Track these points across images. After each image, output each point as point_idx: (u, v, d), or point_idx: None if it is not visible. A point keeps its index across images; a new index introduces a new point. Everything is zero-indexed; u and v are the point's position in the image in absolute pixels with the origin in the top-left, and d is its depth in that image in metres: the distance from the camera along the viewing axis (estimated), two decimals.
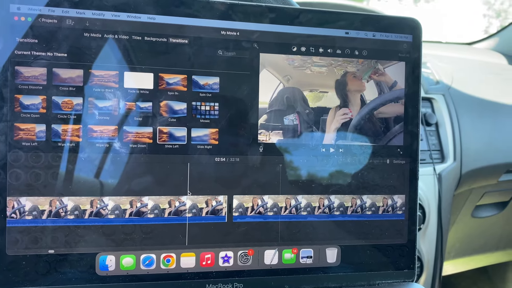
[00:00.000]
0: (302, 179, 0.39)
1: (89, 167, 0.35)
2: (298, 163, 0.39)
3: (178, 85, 0.37)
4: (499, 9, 11.38)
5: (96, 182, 0.36)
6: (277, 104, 0.39)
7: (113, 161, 0.36)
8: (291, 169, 0.39)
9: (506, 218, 1.01)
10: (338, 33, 0.40)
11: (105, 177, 0.36)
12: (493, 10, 11.30)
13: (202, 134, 0.37)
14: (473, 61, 1.18)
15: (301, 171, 0.39)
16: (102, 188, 0.36)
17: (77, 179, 0.35)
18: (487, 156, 0.84)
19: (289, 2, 0.48)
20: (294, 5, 0.47)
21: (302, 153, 0.39)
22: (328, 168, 0.40)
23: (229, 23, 0.38)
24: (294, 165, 0.39)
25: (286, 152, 0.39)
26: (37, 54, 0.34)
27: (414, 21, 0.41)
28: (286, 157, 0.39)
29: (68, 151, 0.35)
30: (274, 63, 0.39)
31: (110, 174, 0.36)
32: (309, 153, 0.40)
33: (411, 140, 0.42)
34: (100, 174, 0.36)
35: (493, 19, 11.48)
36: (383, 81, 0.41)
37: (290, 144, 0.39)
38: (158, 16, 0.36)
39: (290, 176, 0.39)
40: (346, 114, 0.40)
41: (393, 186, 0.41)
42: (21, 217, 0.34)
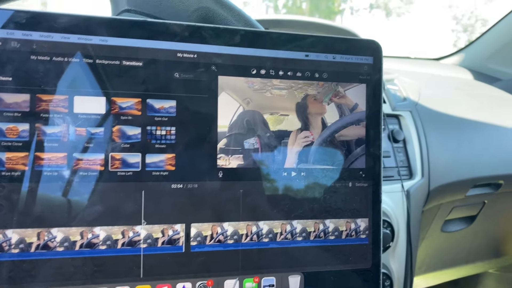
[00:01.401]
0: (264, 205, 0.38)
1: (35, 197, 0.33)
2: (259, 188, 0.38)
3: (132, 109, 0.35)
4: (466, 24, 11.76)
5: (43, 213, 0.33)
6: (237, 127, 0.38)
7: (62, 190, 0.34)
8: (252, 195, 0.38)
9: (474, 232, 1.02)
10: (298, 55, 0.39)
11: (53, 207, 0.34)
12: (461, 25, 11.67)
13: (158, 160, 0.36)
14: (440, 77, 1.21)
15: (262, 196, 0.38)
16: (50, 219, 0.34)
17: (23, 210, 0.33)
18: (455, 171, 0.85)
19: (251, 22, 0.47)
20: (257, 27, 0.47)
21: (263, 178, 0.38)
22: (290, 192, 0.39)
23: (186, 45, 0.37)
24: (255, 190, 0.38)
25: (247, 177, 0.38)
26: None
27: (375, 43, 0.41)
28: (246, 182, 0.38)
29: (13, 181, 0.33)
30: (234, 86, 0.38)
31: (59, 204, 0.34)
32: (271, 177, 0.39)
33: (374, 163, 0.41)
34: (47, 204, 0.34)
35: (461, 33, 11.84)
36: (344, 103, 0.41)
37: (250, 169, 0.38)
38: (110, 38, 0.35)
39: (251, 201, 0.38)
40: (307, 137, 0.40)
41: (356, 210, 0.41)
42: None
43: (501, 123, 0.96)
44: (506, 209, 1.03)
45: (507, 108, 1.05)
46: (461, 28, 11.70)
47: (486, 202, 0.97)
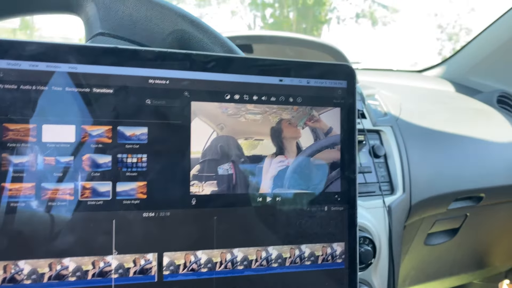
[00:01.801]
0: (238, 231, 0.38)
1: (2, 228, 0.32)
2: (234, 215, 0.38)
3: (102, 137, 0.35)
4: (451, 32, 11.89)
5: (10, 245, 0.33)
6: (211, 153, 0.38)
7: (30, 221, 0.33)
8: (226, 222, 0.38)
9: (457, 244, 1.03)
10: (272, 80, 0.39)
11: (20, 239, 0.33)
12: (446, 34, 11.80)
13: (129, 188, 0.35)
14: (422, 90, 1.22)
15: (236, 223, 0.38)
16: (17, 251, 0.33)
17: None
18: (436, 186, 0.86)
19: (227, 44, 0.47)
20: (234, 49, 0.47)
21: (237, 204, 0.38)
22: (265, 218, 0.39)
23: (158, 71, 0.36)
24: (230, 217, 0.38)
25: (221, 203, 0.38)
26: None
27: (348, 67, 0.41)
28: (220, 208, 0.37)
29: None
30: (207, 111, 0.38)
31: (26, 235, 0.33)
32: (245, 203, 0.38)
33: (349, 186, 0.41)
34: (14, 235, 0.33)
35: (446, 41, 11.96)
36: (318, 127, 0.41)
37: (225, 195, 0.38)
38: (80, 65, 0.35)
39: (225, 228, 0.37)
40: (282, 162, 0.40)
41: (332, 234, 0.40)
42: None
43: (481, 136, 0.98)
44: (488, 221, 1.04)
45: (487, 121, 1.06)
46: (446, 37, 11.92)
47: (468, 214, 0.97)
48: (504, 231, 1.11)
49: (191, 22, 0.47)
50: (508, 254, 1.17)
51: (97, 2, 0.44)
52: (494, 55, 1.33)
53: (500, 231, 1.10)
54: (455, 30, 11.81)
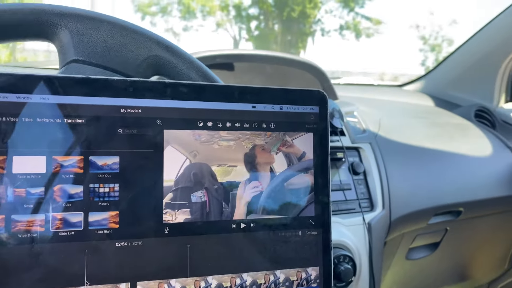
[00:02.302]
0: (212, 259, 0.38)
1: None
2: (208, 242, 0.38)
3: (74, 167, 0.35)
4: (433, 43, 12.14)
5: None
6: (184, 181, 0.38)
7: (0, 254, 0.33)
8: (199, 249, 0.38)
9: (439, 258, 1.04)
10: (245, 107, 0.40)
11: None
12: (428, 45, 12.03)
13: (101, 218, 0.35)
14: (402, 104, 1.24)
15: (210, 250, 0.38)
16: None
17: None
18: (415, 201, 0.87)
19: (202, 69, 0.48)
20: (209, 74, 0.47)
21: (211, 231, 0.38)
22: (239, 244, 0.39)
23: (130, 100, 0.37)
24: (203, 245, 0.38)
25: (195, 231, 0.38)
26: None
27: (320, 93, 0.42)
28: (194, 236, 0.37)
29: None
30: (180, 139, 0.38)
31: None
32: (219, 230, 0.38)
33: (322, 210, 0.42)
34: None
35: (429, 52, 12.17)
36: (291, 152, 0.41)
37: (198, 222, 0.38)
38: (51, 96, 0.35)
39: (199, 256, 0.37)
40: (256, 187, 0.40)
41: (307, 259, 0.41)
42: None
43: (459, 151, 0.99)
44: (468, 235, 1.06)
45: (465, 135, 1.08)
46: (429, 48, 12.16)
47: (448, 229, 0.99)
48: (484, 244, 1.12)
49: (165, 48, 0.47)
50: (489, 266, 1.19)
51: (71, 29, 0.44)
52: (472, 69, 1.36)
53: (480, 244, 1.11)
54: (437, 41, 12.06)
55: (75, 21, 0.45)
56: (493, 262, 1.19)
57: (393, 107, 1.16)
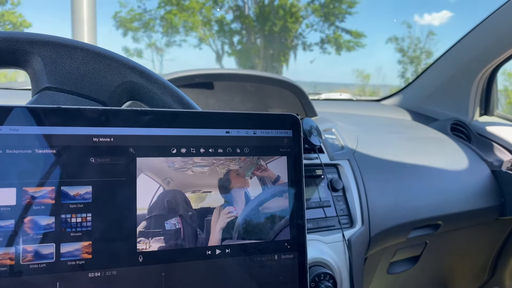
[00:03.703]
0: (188, 286, 0.38)
1: None
2: (183, 269, 0.38)
3: (45, 198, 0.34)
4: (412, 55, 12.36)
5: None
6: (157, 209, 0.38)
7: None
8: (174, 277, 0.37)
9: (420, 271, 1.05)
10: (218, 132, 0.40)
11: None
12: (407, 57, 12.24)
13: (73, 249, 0.35)
14: (380, 119, 1.26)
15: (186, 278, 0.38)
16: None
17: None
18: (394, 216, 0.88)
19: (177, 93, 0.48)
20: (185, 98, 0.48)
21: (186, 258, 0.38)
22: (215, 271, 0.39)
23: (102, 129, 0.37)
24: (178, 272, 0.38)
25: (169, 259, 0.37)
26: None
27: (293, 117, 0.43)
28: (169, 264, 0.37)
29: None
30: (153, 166, 0.38)
31: None
32: (194, 257, 0.38)
33: (298, 233, 0.42)
34: None
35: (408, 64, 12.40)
36: (266, 176, 0.41)
37: (172, 250, 0.38)
38: (21, 127, 0.34)
39: (174, 284, 0.37)
40: (231, 213, 0.40)
41: (284, 282, 0.41)
42: None
43: (436, 165, 1.01)
44: (447, 247, 1.07)
45: (442, 149, 1.11)
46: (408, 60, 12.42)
47: (428, 242, 1.00)
48: (464, 256, 1.14)
49: (140, 73, 0.47)
50: (469, 277, 1.20)
51: (44, 56, 0.44)
52: (447, 83, 1.39)
53: (460, 255, 1.13)
54: (416, 53, 12.33)
55: (47, 49, 0.44)
56: (473, 273, 1.21)
57: (371, 122, 1.18)
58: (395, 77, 11.59)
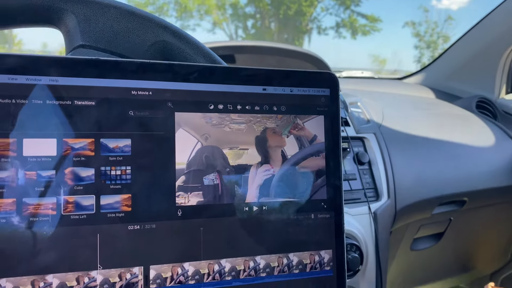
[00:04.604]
0: (225, 242, 0.37)
1: None
2: (220, 225, 0.38)
3: (84, 149, 0.34)
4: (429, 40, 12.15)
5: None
6: (196, 164, 0.37)
7: (11, 238, 0.32)
8: (212, 232, 0.37)
9: (443, 248, 1.04)
10: (255, 89, 0.39)
11: (1, 256, 0.32)
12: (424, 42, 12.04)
13: (113, 201, 0.35)
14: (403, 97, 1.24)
15: (223, 233, 0.38)
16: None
17: None
18: (420, 191, 0.87)
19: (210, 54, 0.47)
20: (216, 59, 0.47)
21: (224, 214, 0.38)
22: (252, 227, 0.38)
23: (141, 82, 0.36)
24: (216, 227, 0.37)
25: (208, 214, 0.37)
26: None
27: (331, 75, 0.42)
28: (207, 219, 0.37)
29: None
30: (191, 122, 0.38)
31: (8, 252, 0.32)
32: (232, 213, 0.38)
33: (335, 193, 0.41)
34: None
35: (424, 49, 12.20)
36: (303, 135, 0.41)
37: (211, 205, 0.37)
38: (61, 78, 0.34)
39: (212, 239, 0.37)
40: (267, 171, 0.39)
41: (319, 242, 0.40)
42: None
43: (462, 141, 0.99)
44: (472, 225, 1.06)
45: (467, 126, 1.08)
46: (424, 45, 12.18)
47: (452, 219, 0.99)
48: (487, 235, 1.12)
49: (172, 33, 0.46)
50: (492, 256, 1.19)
51: (78, 14, 0.44)
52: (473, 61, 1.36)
53: (483, 234, 1.11)
54: (433, 38, 12.08)
55: (81, 6, 0.44)
56: (495, 253, 1.20)
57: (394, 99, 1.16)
58: (411, 62, 11.39)
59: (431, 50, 10.83)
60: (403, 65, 11.24)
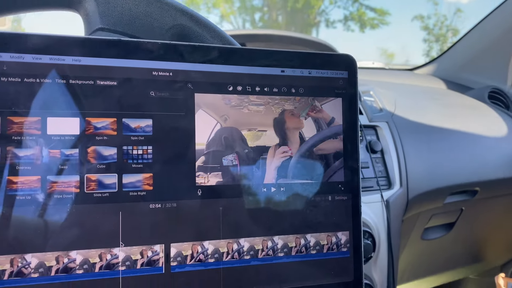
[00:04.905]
0: (244, 222, 0.38)
1: (8, 222, 0.32)
2: (239, 205, 0.38)
3: (107, 129, 0.35)
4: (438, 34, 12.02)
5: (16, 238, 0.32)
6: (215, 145, 0.38)
7: (36, 214, 0.33)
8: (232, 212, 0.38)
9: (454, 238, 1.04)
10: (274, 71, 0.40)
11: (26, 232, 0.33)
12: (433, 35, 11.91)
13: (135, 180, 0.35)
14: (415, 87, 1.23)
15: (242, 213, 0.38)
16: (23, 245, 0.32)
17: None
18: (432, 180, 0.87)
19: (227, 39, 0.47)
20: (234, 44, 0.47)
21: (242, 194, 0.38)
22: (270, 208, 0.39)
23: (161, 63, 0.37)
24: (235, 207, 0.38)
25: (227, 194, 0.38)
26: None
27: (349, 57, 0.42)
28: (226, 199, 0.38)
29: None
30: (210, 103, 0.38)
31: (33, 228, 0.33)
32: (250, 193, 0.38)
33: (352, 176, 0.41)
34: (20, 229, 0.32)
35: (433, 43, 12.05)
36: (320, 118, 0.41)
37: (230, 186, 0.38)
38: (84, 58, 0.35)
39: (231, 219, 0.38)
40: (285, 152, 0.40)
41: (337, 223, 0.41)
42: None
43: (474, 131, 0.99)
44: (483, 215, 1.05)
45: (480, 116, 1.08)
46: (433, 38, 12.05)
47: (464, 209, 0.98)
48: (499, 225, 1.12)
49: (190, 17, 0.47)
50: (503, 247, 1.18)
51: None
52: (485, 51, 1.34)
53: (495, 224, 1.11)
54: (442, 31, 11.96)
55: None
56: (507, 244, 1.19)
57: (406, 89, 1.16)
58: (420, 56, 11.30)
59: (440, 43, 10.71)
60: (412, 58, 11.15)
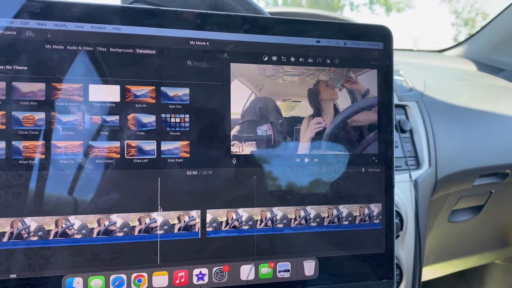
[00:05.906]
0: (277, 191, 0.38)
1: (53, 185, 0.34)
2: (273, 174, 0.38)
3: (146, 97, 0.36)
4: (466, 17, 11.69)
5: (60, 201, 0.34)
6: (250, 114, 0.38)
7: (79, 178, 0.34)
8: (265, 181, 0.38)
9: (481, 222, 1.03)
10: (309, 41, 0.40)
11: (70, 195, 0.34)
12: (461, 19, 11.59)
13: (173, 147, 0.36)
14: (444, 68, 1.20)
15: (275, 183, 0.38)
16: (67, 207, 0.34)
17: (41, 198, 0.33)
18: (461, 161, 0.85)
19: (260, 11, 0.47)
20: (265, 14, 0.47)
21: (276, 164, 0.39)
22: (303, 178, 0.39)
23: (198, 33, 0.37)
24: (269, 177, 0.38)
25: (260, 163, 0.38)
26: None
27: (385, 29, 0.41)
28: (260, 168, 0.38)
29: (30, 169, 0.33)
30: (246, 73, 0.38)
31: (76, 191, 0.34)
32: (284, 163, 0.39)
33: (386, 148, 0.41)
34: (64, 192, 0.34)
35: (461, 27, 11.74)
36: (355, 89, 0.41)
37: (264, 155, 0.38)
38: (123, 27, 0.35)
39: (265, 188, 0.38)
40: (319, 123, 0.40)
41: (369, 195, 0.41)
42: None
43: (506, 112, 0.96)
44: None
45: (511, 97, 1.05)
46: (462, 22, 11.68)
47: (493, 191, 0.97)
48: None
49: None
50: None
51: None
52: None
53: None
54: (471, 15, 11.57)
55: None
56: None
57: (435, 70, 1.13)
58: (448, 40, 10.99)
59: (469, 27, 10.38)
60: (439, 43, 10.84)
